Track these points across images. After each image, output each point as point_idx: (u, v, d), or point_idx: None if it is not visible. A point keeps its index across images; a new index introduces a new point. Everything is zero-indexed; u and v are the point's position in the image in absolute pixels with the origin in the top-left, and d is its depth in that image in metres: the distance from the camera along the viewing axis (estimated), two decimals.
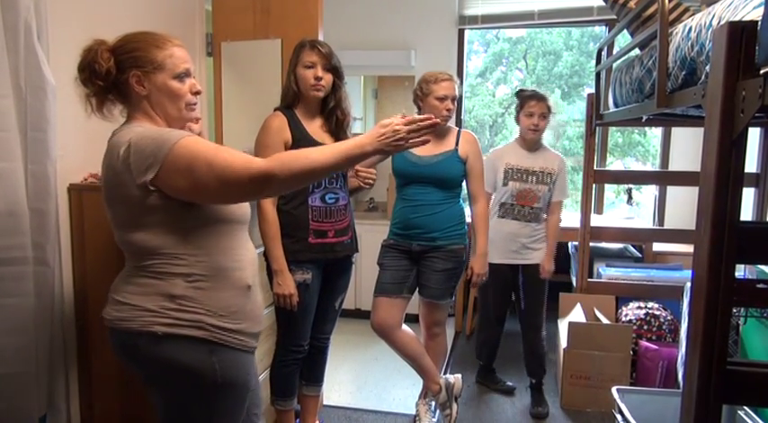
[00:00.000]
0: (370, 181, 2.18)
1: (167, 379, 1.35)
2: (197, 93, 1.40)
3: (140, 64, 1.32)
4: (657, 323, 2.87)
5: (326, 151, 1.28)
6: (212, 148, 1.25)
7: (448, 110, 2.34)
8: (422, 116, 1.34)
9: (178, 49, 1.37)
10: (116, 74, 1.32)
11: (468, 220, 2.48)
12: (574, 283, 3.51)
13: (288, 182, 1.26)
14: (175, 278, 1.30)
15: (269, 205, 2.05)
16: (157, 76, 1.34)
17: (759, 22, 1.09)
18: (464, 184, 2.46)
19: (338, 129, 2.15)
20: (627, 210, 4.21)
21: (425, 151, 2.37)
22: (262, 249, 2.12)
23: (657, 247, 3.74)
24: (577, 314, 3.00)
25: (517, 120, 2.84)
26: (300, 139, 2.05)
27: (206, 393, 1.34)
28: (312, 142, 2.01)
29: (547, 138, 3.24)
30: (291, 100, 2.12)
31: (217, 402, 1.36)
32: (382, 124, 1.32)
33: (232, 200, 1.34)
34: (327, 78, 2.06)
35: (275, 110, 2.13)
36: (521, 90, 2.87)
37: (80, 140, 2.09)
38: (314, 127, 2.12)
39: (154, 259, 1.30)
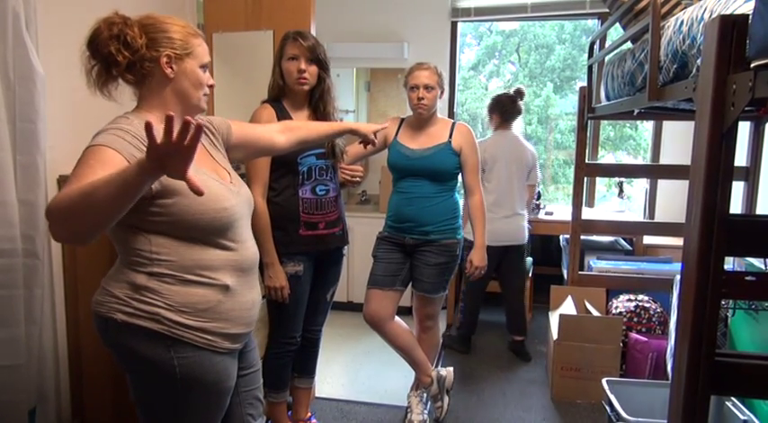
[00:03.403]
0: (357, 178, 2.23)
1: (130, 366, 1.35)
2: (211, 86, 1.40)
3: (175, 46, 1.31)
4: (647, 315, 2.90)
5: (112, 184, 1.00)
6: (87, 165, 1.13)
7: (419, 99, 2.33)
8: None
9: (204, 42, 1.38)
10: (145, 51, 1.28)
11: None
12: (565, 276, 3.54)
13: (60, 220, 1.05)
14: (141, 271, 1.28)
15: (259, 198, 2.04)
16: (187, 62, 1.33)
17: (750, 16, 1.10)
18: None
19: (324, 121, 2.14)
20: (618, 203, 4.23)
21: (419, 144, 2.37)
22: None
23: (648, 240, 3.77)
24: (568, 306, 3.02)
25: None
26: None
27: (166, 387, 1.32)
28: None
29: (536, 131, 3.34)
30: (278, 93, 2.11)
31: (179, 398, 1.33)
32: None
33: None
34: (311, 70, 2.04)
35: (263, 102, 2.12)
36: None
37: (70, 131, 2.07)
38: (302, 119, 2.11)
39: (125, 250, 1.30)
